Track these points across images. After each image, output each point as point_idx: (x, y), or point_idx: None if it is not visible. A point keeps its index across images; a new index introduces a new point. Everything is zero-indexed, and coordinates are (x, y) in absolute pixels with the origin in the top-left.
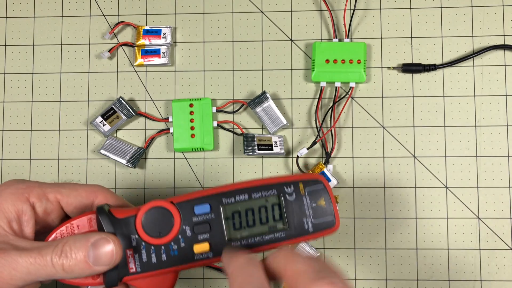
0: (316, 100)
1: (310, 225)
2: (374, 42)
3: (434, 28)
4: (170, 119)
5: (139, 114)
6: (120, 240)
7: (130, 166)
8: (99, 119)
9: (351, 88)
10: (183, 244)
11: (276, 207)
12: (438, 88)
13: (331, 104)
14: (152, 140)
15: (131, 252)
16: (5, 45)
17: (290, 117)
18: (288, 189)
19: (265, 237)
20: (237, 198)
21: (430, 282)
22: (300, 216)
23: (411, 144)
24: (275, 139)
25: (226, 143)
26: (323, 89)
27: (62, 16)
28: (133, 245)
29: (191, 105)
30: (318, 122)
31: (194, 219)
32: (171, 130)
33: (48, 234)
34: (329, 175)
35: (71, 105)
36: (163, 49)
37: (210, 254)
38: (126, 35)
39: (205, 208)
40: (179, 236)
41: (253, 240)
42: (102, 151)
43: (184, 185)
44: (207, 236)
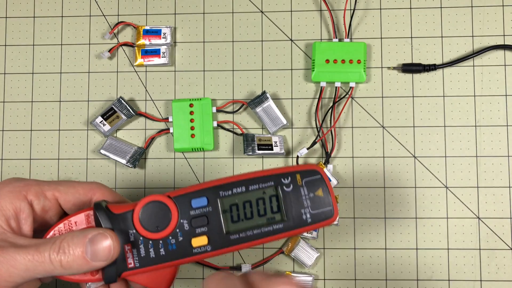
0: (316, 100)
1: (308, 216)
2: (374, 42)
3: (434, 28)
4: (170, 119)
5: (139, 114)
6: (118, 236)
7: (130, 166)
8: (99, 119)
9: (351, 88)
10: (181, 238)
11: (274, 199)
12: (438, 88)
13: (331, 104)
14: (152, 140)
15: (129, 247)
16: (5, 45)
17: (290, 117)
18: (285, 180)
19: (263, 229)
20: (234, 191)
21: (430, 282)
22: (298, 207)
23: (411, 144)
24: (275, 139)
25: (226, 143)
26: (323, 89)
27: (62, 16)
28: (131, 240)
29: (191, 105)
30: (318, 122)
31: (192, 213)
32: (171, 130)
33: (46, 232)
34: (329, 175)
35: (71, 105)
36: (163, 49)
37: (209, 248)
38: (126, 35)
39: (203, 201)
40: (177, 230)
41: (251, 233)
42: (102, 151)
43: (184, 185)
44: (205, 230)
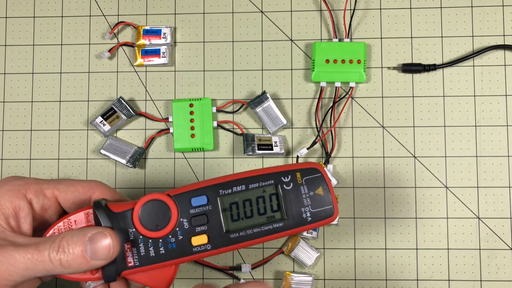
0: (316, 100)
1: (309, 215)
2: (374, 42)
3: (434, 28)
4: (170, 119)
5: (139, 114)
6: (118, 234)
7: (130, 166)
8: (99, 119)
9: (351, 88)
10: (181, 237)
11: (274, 197)
12: (438, 88)
13: (331, 104)
14: (152, 140)
15: (129, 246)
16: (5, 45)
17: (290, 117)
18: (286, 179)
19: (263, 228)
20: (234, 189)
21: (430, 282)
22: (298, 206)
23: (411, 144)
24: (275, 139)
25: (226, 143)
26: (323, 89)
27: (62, 16)
28: (131, 239)
29: (191, 105)
30: (318, 122)
31: (192, 211)
32: (171, 130)
33: (46, 230)
34: (329, 175)
35: (71, 105)
36: (163, 49)
37: (209, 246)
38: (126, 35)
39: (202, 200)
40: (177, 229)
41: (251, 231)
42: (102, 151)
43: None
44: (205, 228)
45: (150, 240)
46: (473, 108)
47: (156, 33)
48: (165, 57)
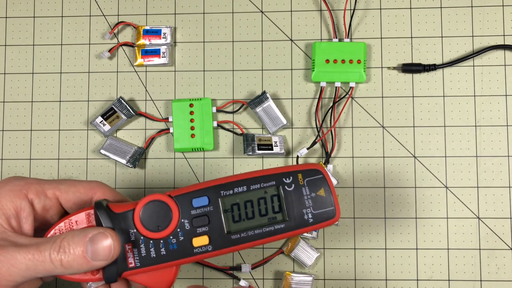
0: (316, 100)
1: (310, 216)
2: (374, 42)
3: (434, 28)
4: (170, 119)
5: (139, 114)
6: (119, 235)
7: (130, 166)
8: (99, 119)
9: (351, 88)
10: (182, 238)
11: (275, 199)
12: (438, 88)
13: (331, 104)
14: (152, 140)
15: (130, 247)
16: (5, 45)
17: (290, 117)
18: (287, 180)
19: (265, 229)
20: (236, 190)
21: (430, 282)
22: (300, 207)
23: (411, 144)
24: (275, 139)
25: (226, 143)
26: (323, 89)
27: (62, 16)
28: (132, 240)
29: (191, 105)
30: (318, 122)
31: (193, 212)
32: (171, 130)
33: (47, 231)
34: (329, 175)
35: (71, 105)
36: (163, 49)
37: (210, 248)
38: (126, 35)
39: (204, 201)
40: (178, 230)
41: (253, 233)
42: (102, 151)
43: (184, 185)
44: (206, 229)
45: (151, 241)
46: (473, 108)
47: (156, 33)
48: (165, 57)
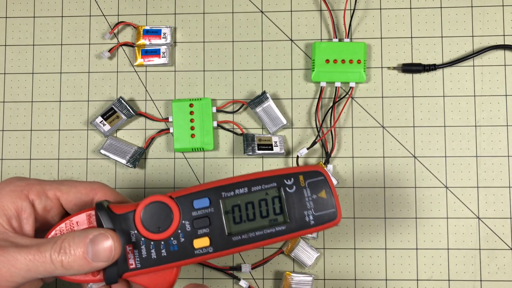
0: (316, 100)
1: (311, 218)
2: (374, 42)
3: (434, 28)
4: (170, 119)
5: (139, 114)
6: (119, 236)
7: (130, 166)
8: (99, 119)
9: (351, 88)
10: (183, 239)
11: (276, 200)
12: (438, 88)
13: (331, 104)
14: (152, 140)
15: (131, 248)
16: (5, 45)
17: (290, 117)
18: (288, 182)
19: (266, 231)
20: (237, 192)
21: (430, 282)
22: (301, 209)
23: (411, 144)
24: (275, 139)
25: (226, 143)
26: (323, 89)
27: (62, 16)
28: (133, 241)
29: (191, 105)
30: (318, 122)
31: (194, 214)
32: (171, 130)
33: (48, 231)
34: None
35: (71, 105)
36: (163, 49)
37: (211, 249)
38: (126, 35)
39: (205, 202)
40: (179, 231)
41: (254, 234)
42: (102, 151)
43: (184, 185)
44: (207, 231)
45: (152, 242)
46: (473, 108)
47: (156, 33)
48: (165, 57)
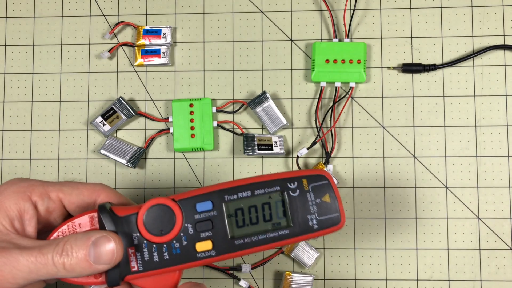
0: (316, 100)
1: (315, 222)
2: (374, 42)
3: (434, 28)
4: (170, 119)
5: (139, 114)
6: (122, 239)
7: (130, 166)
8: (99, 119)
9: (351, 88)
10: (186, 242)
11: (280, 204)
12: (438, 88)
13: (331, 104)
14: (152, 140)
15: (133, 251)
16: (5, 45)
17: (290, 117)
18: (292, 185)
19: (269, 235)
20: (240, 195)
21: (430, 282)
22: (304, 213)
23: (411, 144)
24: (275, 139)
25: (226, 143)
26: (323, 89)
27: (62, 16)
28: (135, 244)
29: (191, 105)
30: (318, 122)
31: (196, 217)
32: (171, 130)
33: (50, 233)
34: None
35: (71, 105)
36: (163, 49)
37: (213, 253)
38: (126, 35)
39: (207, 205)
40: (181, 234)
41: (256, 238)
42: (102, 151)
43: (184, 185)
44: (210, 234)
45: (154, 245)
46: (473, 108)
47: (156, 33)
48: (165, 57)
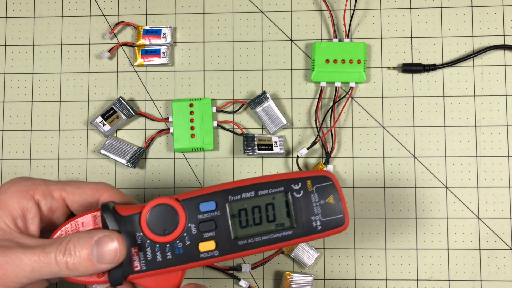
0: (316, 100)
1: (319, 223)
2: (374, 42)
3: (434, 28)
4: (170, 119)
5: (139, 114)
6: (125, 238)
7: (130, 166)
8: (99, 119)
9: (351, 88)
10: (189, 242)
11: (283, 205)
12: (438, 88)
13: (331, 104)
14: (152, 140)
15: (136, 250)
16: (5, 45)
17: (290, 117)
18: (296, 186)
19: (272, 236)
20: (243, 195)
21: (430, 282)
22: (308, 214)
23: (411, 144)
24: (275, 139)
25: (226, 143)
26: (323, 89)
27: (62, 16)
28: (138, 243)
29: (191, 105)
30: (318, 122)
31: (200, 217)
32: (171, 130)
33: (53, 232)
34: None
35: (71, 105)
36: (163, 49)
37: (216, 253)
38: (126, 35)
39: (211, 206)
40: (185, 234)
41: (260, 239)
42: (102, 151)
43: (184, 185)
44: (213, 234)
45: (157, 245)
46: (473, 108)
47: (156, 33)
48: (165, 57)
